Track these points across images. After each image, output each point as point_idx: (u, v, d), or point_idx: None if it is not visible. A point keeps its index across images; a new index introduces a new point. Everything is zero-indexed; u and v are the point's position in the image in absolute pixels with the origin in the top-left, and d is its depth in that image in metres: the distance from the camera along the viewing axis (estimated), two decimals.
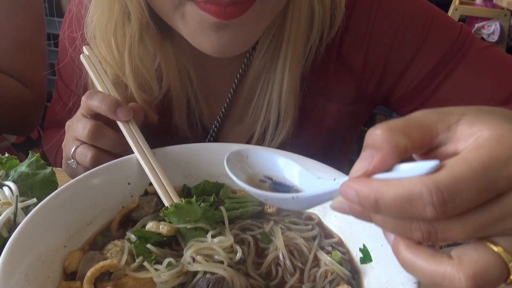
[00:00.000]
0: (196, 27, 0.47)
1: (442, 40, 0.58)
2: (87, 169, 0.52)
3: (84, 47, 0.60)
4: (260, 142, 0.62)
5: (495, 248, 0.26)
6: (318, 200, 0.31)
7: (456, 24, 0.60)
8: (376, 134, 0.27)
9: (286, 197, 0.32)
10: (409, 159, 0.29)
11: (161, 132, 0.63)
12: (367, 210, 0.27)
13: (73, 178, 0.57)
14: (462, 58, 0.58)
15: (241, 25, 0.46)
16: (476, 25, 3.54)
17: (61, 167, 0.75)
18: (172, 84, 0.59)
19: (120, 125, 0.52)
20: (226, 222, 0.45)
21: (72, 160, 0.54)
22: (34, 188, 0.52)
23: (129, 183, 0.49)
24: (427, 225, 0.26)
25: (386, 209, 0.25)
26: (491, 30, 3.45)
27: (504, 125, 0.26)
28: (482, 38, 3.52)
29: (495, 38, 3.46)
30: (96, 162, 0.52)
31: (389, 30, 0.58)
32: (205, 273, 0.39)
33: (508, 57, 0.60)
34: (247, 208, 0.49)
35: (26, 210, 0.48)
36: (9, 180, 0.51)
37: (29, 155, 0.54)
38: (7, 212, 0.45)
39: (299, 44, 0.55)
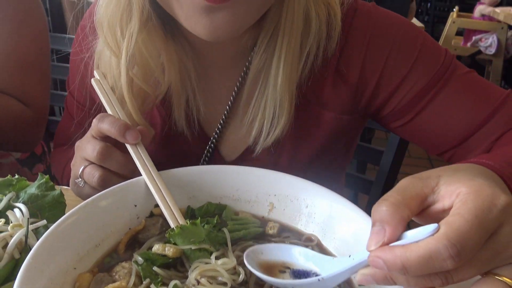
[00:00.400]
0: (190, 11, 0.51)
1: (430, 64, 0.63)
2: (94, 188, 0.55)
3: (95, 72, 0.62)
4: (258, 140, 0.65)
5: (500, 278, 0.34)
6: (341, 277, 0.38)
7: (442, 49, 0.65)
8: (383, 210, 0.34)
9: (313, 281, 0.39)
10: None
11: (161, 132, 0.66)
12: (394, 274, 0.32)
13: (80, 196, 0.59)
14: (447, 82, 0.63)
15: (231, 8, 0.50)
16: (474, 38, 3.60)
17: (68, 185, 0.77)
18: (172, 79, 0.63)
19: (129, 147, 0.54)
20: (229, 243, 0.47)
21: (80, 179, 0.56)
22: (43, 209, 0.54)
23: (135, 205, 0.51)
24: (445, 273, 0.32)
25: (412, 270, 0.31)
26: (489, 42, 3.49)
27: (475, 180, 0.34)
28: (480, 51, 3.57)
29: (492, 50, 3.51)
30: (103, 182, 0.54)
31: (383, 50, 0.63)
32: None
33: (485, 81, 0.65)
34: (249, 229, 0.51)
35: (36, 231, 0.50)
36: (20, 202, 0.53)
37: (39, 177, 0.56)
38: (19, 234, 0.47)
39: (293, 45, 0.59)
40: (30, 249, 0.47)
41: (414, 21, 2.78)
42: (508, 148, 0.54)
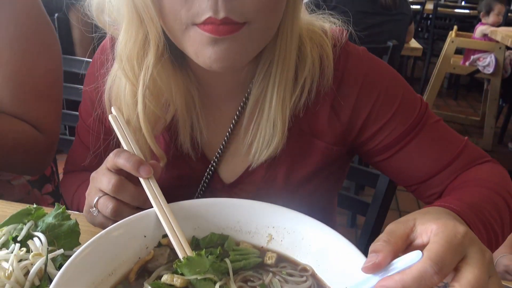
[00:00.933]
0: (198, 45, 0.58)
1: (408, 114, 0.73)
2: (107, 218, 0.59)
3: (112, 108, 0.67)
4: (254, 158, 0.72)
5: None
6: None
7: (418, 100, 0.75)
8: (379, 244, 0.44)
9: None
10: None
11: (167, 154, 0.72)
12: None
13: (92, 224, 0.64)
14: (419, 131, 0.73)
15: (233, 41, 0.57)
16: (472, 57, 3.65)
17: (76, 210, 0.81)
18: (179, 105, 0.69)
19: (141, 180, 0.59)
20: (231, 274, 0.51)
21: (94, 209, 0.61)
22: (59, 237, 0.59)
23: (145, 236, 0.55)
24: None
25: None
26: (487, 62, 3.55)
27: (441, 219, 0.47)
28: (478, 70, 3.63)
29: (490, 70, 3.57)
30: (116, 213, 0.59)
31: (373, 94, 0.71)
32: None
33: (449, 129, 0.76)
34: (249, 260, 0.55)
35: (54, 259, 0.55)
36: (38, 231, 0.58)
37: (56, 207, 0.61)
38: (39, 263, 0.51)
39: (285, 76, 0.67)
40: (49, 276, 0.51)
41: (413, 42, 2.84)
42: (464, 191, 0.66)
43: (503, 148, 3.84)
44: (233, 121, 0.73)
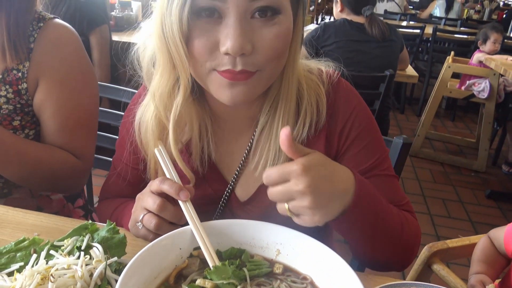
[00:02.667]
0: (218, 86, 0.72)
1: (373, 152, 0.87)
2: (149, 231, 0.76)
3: (158, 142, 0.82)
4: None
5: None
6: None
7: (384, 146, 0.90)
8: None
9: None
10: None
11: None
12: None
13: (136, 236, 0.80)
14: (376, 174, 0.86)
15: (246, 84, 0.72)
16: (468, 82, 3.82)
17: None
18: (195, 131, 0.85)
19: (180, 203, 0.74)
20: (248, 280, 0.66)
21: (140, 223, 0.76)
22: (111, 247, 0.73)
23: (180, 248, 0.71)
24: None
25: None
26: (481, 87, 3.71)
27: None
28: (473, 94, 3.79)
29: (485, 95, 3.73)
30: (158, 227, 0.74)
31: (353, 129, 0.86)
32: None
33: (400, 188, 0.90)
34: (262, 269, 0.70)
35: (110, 265, 0.70)
36: (95, 242, 0.73)
37: (107, 223, 0.76)
38: (100, 267, 0.66)
39: (288, 108, 0.82)
40: (107, 278, 0.67)
41: (409, 69, 3.01)
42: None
43: (497, 170, 3.98)
44: (247, 148, 0.89)
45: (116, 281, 0.65)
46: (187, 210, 0.74)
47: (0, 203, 1.15)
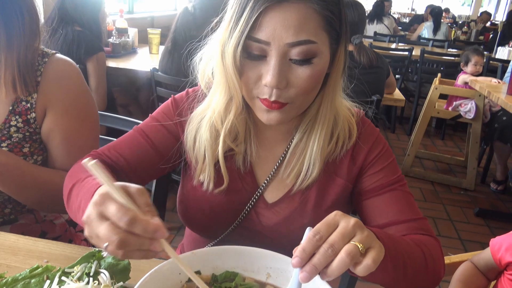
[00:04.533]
0: (258, 110, 0.87)
1: (393, 172, 1.00)
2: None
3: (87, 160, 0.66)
4: (295, 185, 0.98)
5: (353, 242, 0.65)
6: None
7: (399, 169, 1.02)
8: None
9: None
10: None
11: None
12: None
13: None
14: (395, 189, 0.98)
15: (279, 113, 0.86)
16: (455, 103, 3.95)
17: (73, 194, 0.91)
18: (240, 134, 0.97)
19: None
20: None
21: (105, 252, 0.70)
22: (116, 273, 0.81)
23: (179, 274, 0.78)
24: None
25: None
26: (468, 108, 3.84)
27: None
28: (460, 115, 3.91)
29: (471, 115, 3.85)
30: (126, 257, 0.65)
31: (375, 151, 1.00)
32: None
33: (414, 202, 0.99)
34: None
35: None
36: (102, 268, 0.80)
37: None
38: None
39: (324, 132, 0.95)
40: None
41: (397, 92, 3.13)
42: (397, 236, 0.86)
43: (486, 188, 4.07)
44: (281, 157, 1.01)
45: None
46: (167, 247, 0.66)
47: (7, 229, 1.22)
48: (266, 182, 1.01)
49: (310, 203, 0.99)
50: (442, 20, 7.36)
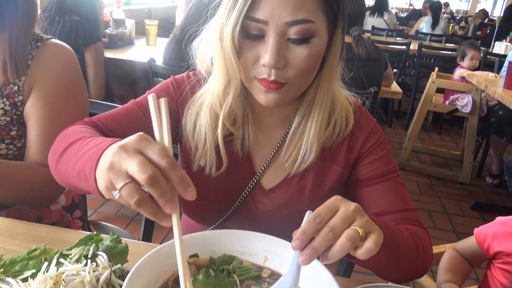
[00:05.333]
0: (257, 91, 0.88)
1: (388, 162, 1.01)
2: (128, 204, 0.58)
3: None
4: (292, 169, 0.99)
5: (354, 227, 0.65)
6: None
7: (394, 160, 1.03)
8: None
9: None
10: None
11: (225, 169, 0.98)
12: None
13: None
14: (390, 179, 0.99)
15: (277, 93, 0.86)
16: (451, 97, 3.96)
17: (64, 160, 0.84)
18: (238, 119, 0.97)
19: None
20: (238, 284, 0.75)
21: (117, 193, 0.59)
22: (114, 256, 0.81)
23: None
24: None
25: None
26: (465, 102, 3.85)
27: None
28: (457, 109, 3.92)
29: (468, 109, 3.86)
30: (140, 205, 0.57)
31: (372, 141, 1.01)
32: None
33: (407, 194, 1.01)
34: (250, 274, 0.78)
35: (114, 271, 0.77)
36: (100, 251, 0.80)
37: (111, 234, 0.83)
38: (106, 273, 0.74)
39: (321, 115, 0.95)
40: (112, 283, 0.74)
41: (394, 85, 3.13)
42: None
43: (481, 182, 4.10)
44: (279, 143, 1.01)
45: (120, 285, 0.73)
46: (176, 223, 0.62)
47: (2, 214, 1.22)
48: (263, 168, 1.01)
49: (307, 189, 1.00)
50: (440, 16, 7.36)
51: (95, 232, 0.85)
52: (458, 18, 9.09)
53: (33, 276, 0.75)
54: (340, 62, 0.95)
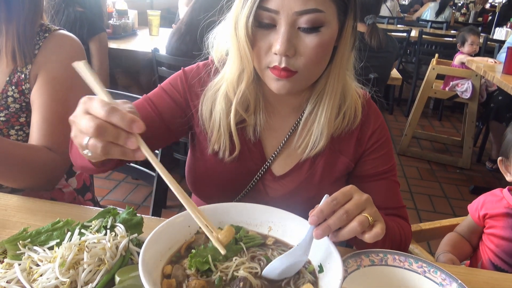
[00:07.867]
0: (268, 79, 0.92)
1: (388, 160, 1.07)
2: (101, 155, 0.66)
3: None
4: (303, 155, 1.04)
5: (364, 214, 0.76)
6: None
7: (394, 157, 1.10)
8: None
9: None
10: None
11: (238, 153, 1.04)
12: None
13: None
14: (387, 178, 1.07)
15: (287, 81, 0.90)
16: (451, 83, 4.00)
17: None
18: (251, 106, 1.01)
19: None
20: (245, 250, 0.81)
21: (87, 151, 0.69)
22: (130, 227, 0.88)
23: (189, 226, 0.85)
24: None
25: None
26: (464, 88, 3.89)
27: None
28: (457, 95, 3.96)
29: (468, 95, 3.91)
30: (106, 152, 0.66)
31: (379, 138, 1.06)
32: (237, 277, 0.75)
33: (399, 192, 1.11)
34: (255, 241, 0.85)
35: (131, 240, 0.84)
36: (118, 223, 0.87)
37: (126, 208, 0.90)
38: (125, 241, 0.81)
39: (332, 103, 1.00)
40: (130, 250, 0.81)
41: (394, 71, 3.17)
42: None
43: (481, 166, 4.15)
44: (290, 130, 1.06)
45: (138, 252, 0.80)
46: (148, 153, 0.67)
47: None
48: (274, 155, 1.06)
49: (316, 177, 1.06)
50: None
51: (112, 206, 0.92)
52: (459, 4, 9.06)
53: (58, 245, 0.82)
54: (352, 52, 0.99)
